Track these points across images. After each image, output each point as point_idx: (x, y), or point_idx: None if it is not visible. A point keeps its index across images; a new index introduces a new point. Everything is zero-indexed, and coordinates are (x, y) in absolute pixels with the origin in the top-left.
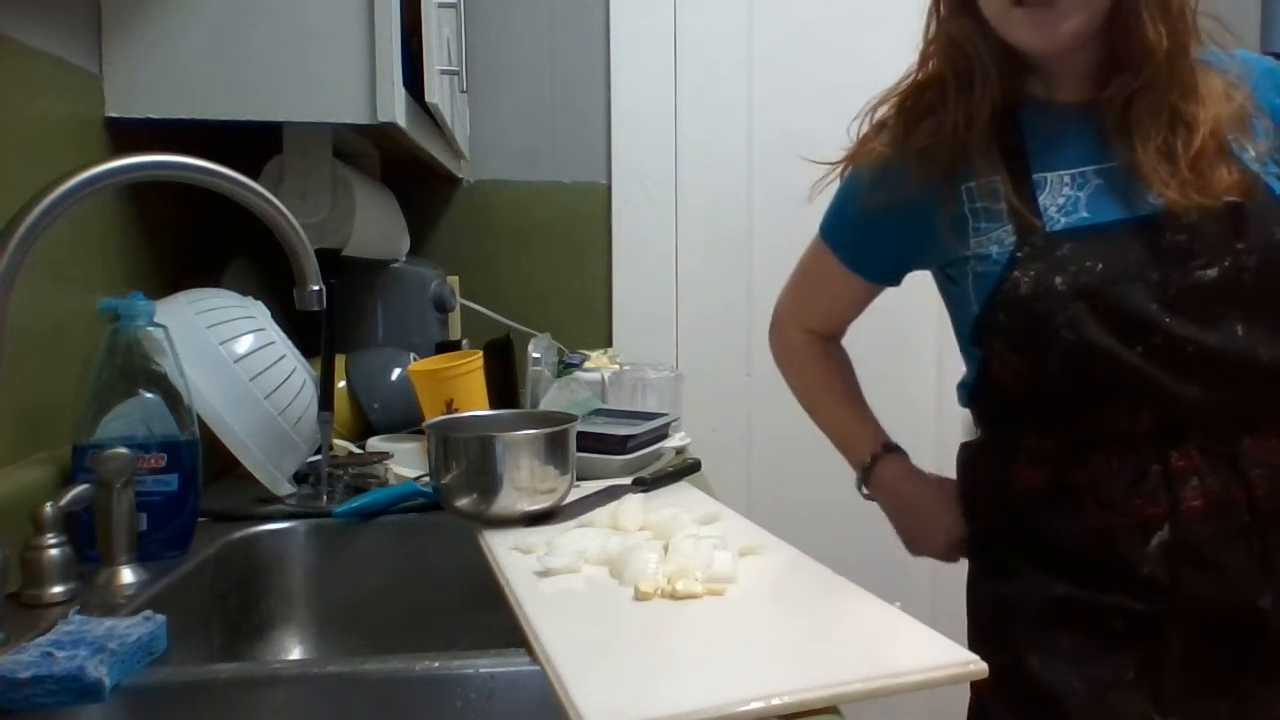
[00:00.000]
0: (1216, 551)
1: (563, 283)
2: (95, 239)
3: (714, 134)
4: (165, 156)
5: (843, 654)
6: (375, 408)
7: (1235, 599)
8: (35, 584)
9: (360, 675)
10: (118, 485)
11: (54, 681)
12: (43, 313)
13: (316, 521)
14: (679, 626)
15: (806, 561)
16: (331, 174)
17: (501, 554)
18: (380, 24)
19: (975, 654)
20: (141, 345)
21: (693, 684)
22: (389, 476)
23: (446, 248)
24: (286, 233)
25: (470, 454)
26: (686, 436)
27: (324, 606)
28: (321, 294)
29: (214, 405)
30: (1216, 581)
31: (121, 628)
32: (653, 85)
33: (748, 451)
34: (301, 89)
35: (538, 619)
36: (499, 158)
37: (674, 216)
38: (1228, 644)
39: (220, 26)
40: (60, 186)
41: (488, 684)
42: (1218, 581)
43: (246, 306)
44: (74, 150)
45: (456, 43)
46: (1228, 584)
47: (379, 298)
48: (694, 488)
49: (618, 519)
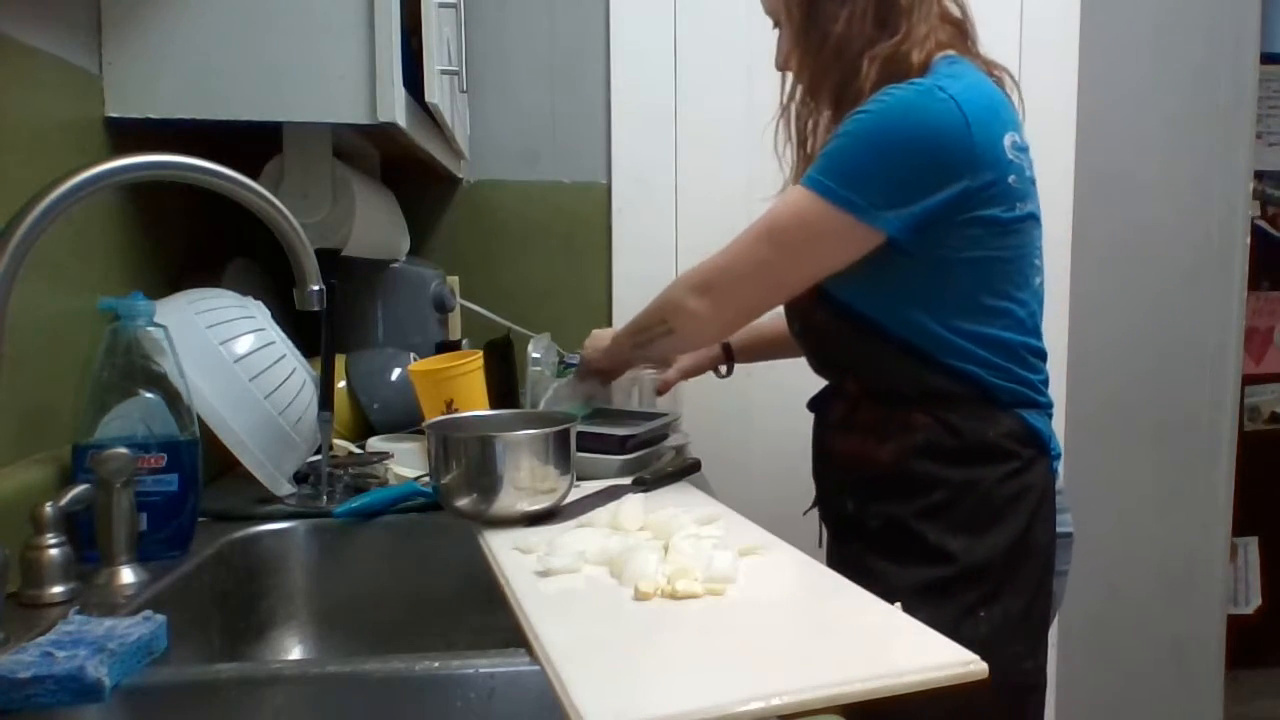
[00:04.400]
0: None
1: (563, 283)
2: (95, 239)
3: (715, 133)
4: (165, 156)
5: (843, 654)
6: (375, 408)
7: None
8: (35, 584)
9: (360, 675)
10: (117, 485)
11: (54, 681)
12: (43, 313)
13: (316, 521)
14: (679, 626)
15: (806, 561)
16: (331, 174)
17: (501, 554)
18: (380, 24)
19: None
20: (141, 345)
21: (693, 684)
22: (389, 476)
23: (446, 248)
24: (286, 233)
25: (470, 454)
26: (688, 436)
27: (324, 606)
28: (321, 294)
29: (214, 405)
30: None
31: (121, 628)
32: (653, 85)
33: (747, 451)
34: (301, 89)
35: (538, 619)
36: (499, 158)
37: (674, 216)
38: None
39: (220, 26)
40: (60, 186)
41: (488, 684)
42: None
43: (246, 306)
44: (74, 150)
45: (456, 43)
46: None
47: (379, 298)
48: (694, 488)
49: (618, 519)
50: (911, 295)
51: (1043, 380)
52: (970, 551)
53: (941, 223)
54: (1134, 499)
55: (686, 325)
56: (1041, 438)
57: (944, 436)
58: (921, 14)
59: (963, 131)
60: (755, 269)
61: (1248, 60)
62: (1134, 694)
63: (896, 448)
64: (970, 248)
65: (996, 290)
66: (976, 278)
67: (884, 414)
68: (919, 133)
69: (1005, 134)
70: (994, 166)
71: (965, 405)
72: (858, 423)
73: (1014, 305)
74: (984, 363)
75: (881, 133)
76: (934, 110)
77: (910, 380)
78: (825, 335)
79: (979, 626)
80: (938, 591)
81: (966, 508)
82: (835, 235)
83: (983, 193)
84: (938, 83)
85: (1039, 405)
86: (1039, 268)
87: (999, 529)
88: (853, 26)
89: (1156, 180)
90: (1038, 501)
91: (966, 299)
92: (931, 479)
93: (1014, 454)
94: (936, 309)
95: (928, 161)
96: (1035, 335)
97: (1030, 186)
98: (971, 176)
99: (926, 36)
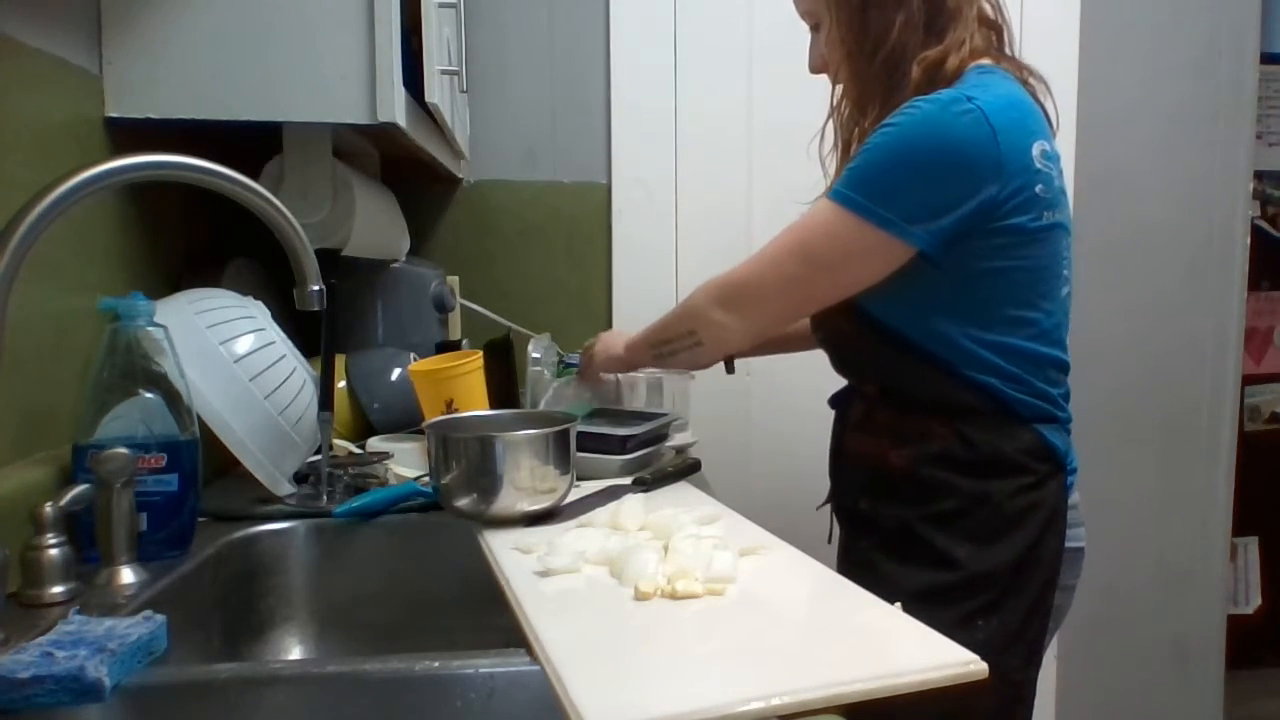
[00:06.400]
0: None
1: (563, 283)
2: (95, 239)
3: (715, 134)
4: (165, 156)
5: (843, 654)
6: (375, 408)
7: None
8: (35, 584)
9: (360, 675)
10: (117, 485)
11: (54, 681)
12: (43, 313)
13: (316, 521)
14: (679, 626)
15: (806, 561)
16: (331, 174)
17: (501, 554)
18: (380, 24)
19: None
20: (141, 345)
21: (693, 684)
22: (389, 476)
23: (446, 248)
24: (286, 233)
25: (470, 454)
26: (693, 436)
27: (324, 606)
28: (321, 294)
29: (214, 405)
30: None
31: (121, 628)
32: (653, 85)
33: (747, 451)
34: (301, 89)
35: (538, 619)
36: (499, 158)
37: (674, 216)
38: None
39: (220, 26)
40: (60, 186)
41: (488, 684)
42: None
43: (246, 306)
44: (74, 150)
45: (456, 43)
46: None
47: (379, 298)
48: (694, 488)
49: (618, 519)
50: (937, 305)
51: (1063, 394)
52: (976, 560)
53: (969, 233)
54: (1134, 499)
55: (714, 338)
56: (1058, 454)
57: (959, 447)
58: (964, 17)
59: (989, 141)
60: (786, 285)
61: (1248, 60)
62: (1134, 694)
63: (911, 453)
64: (996, 257)
65: (1021, 300)
66: (1002, 288)
67: (902, 419)
68: (946, 145)
69: (1034, 143)
70: (1021, 175)
71: (983, 418)
72: (875, 424)
73: (1039, 315)
74: (1004, 375)
75: (909, 147)
76: (961, 122)
77: (930, 391)
78: (847, 341)
79: (975, 635)
80: (939, 597)
81: (977, 518)
82: (868, 252)
83: (1009, 201)
84: (965, 92)
85: (1058, 420)
86: (1067, 278)
87: (1007, 541)
88: (906, 34)
89: (1156, 180)
90: (1049, 517)
91: (991, 309)
92: (943, 486)
93: (1028, 469)
94: (961, 319)
95: (956, 174)
96: (1059, 347)
97: (1060, 196)
98: (999, 186)
99: (963, 43)
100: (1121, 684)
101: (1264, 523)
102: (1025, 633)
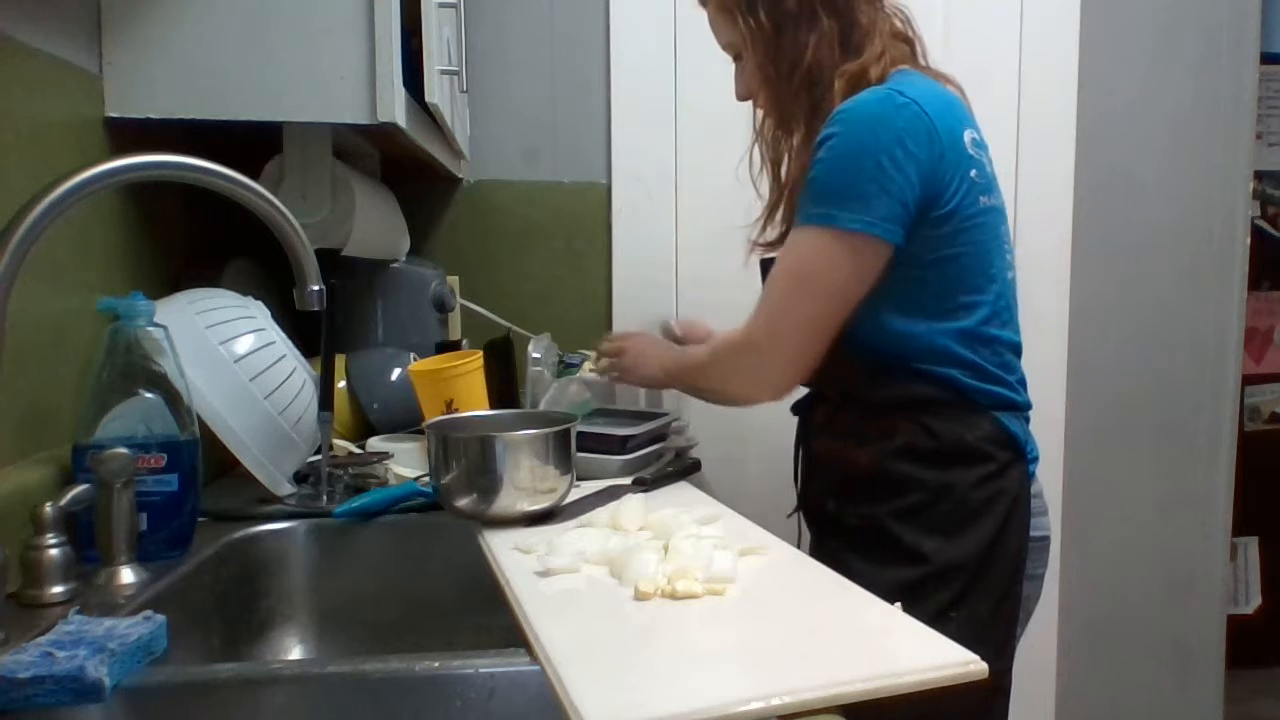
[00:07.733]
0: None
1: (563, 283)
2: (95, 239)
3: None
4: (165, 156)
5: (843, 654)
6: (375, 408)
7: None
8: (35, 584)
9: (360, 675)
10: (117, 485)
11: (54, 681)
12: (43, 313)
13: (316, 521)
14: (679, 626)
15: (806, 561)
16: (331, 174)
17: (501, 554)
18: (380, 24)
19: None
20: (141, 345)
21: (693, 684)
22: (389, 476)
23: (446, 248)
24: (286, 233)
25: (470, 454)
26: (694, 439)
27: (324, 606)
28: (321, 294)
29: (214, 405)
30: None
31: (121, 628)
32: (653, 84)
33: (747, 451)
34: (301, 89)
35: (538, 619)
36: (499, 158)
37: (674, 217)
38: None
39: (220, 26)
40: (60, 186)
41: (488, 684)
42: None
43: (246, 306)
44: (74, 150)
45: (456, 43)
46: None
47: (379, 298)
48: (694, 488)
49: (618, 519)
50: (890, 303)
51: (1019, 380)
52: (942, 553)
53: (918, 223)
54: (1134, 499)
55: (743, 394)
56: (1018, 441)
57: (922, 438)
58: (877, 31)
59: (930, 131)
60: (804, 324)
61: (1248, 60)
62: (1134, 694)
63: (875, 450)
64: (942, 246)
65: (968, 285)
66: (950, 276)
67: (865, 419)
68: (894, 139)
69: (965, 130)
70: (959, 162)
71: (944, 409)
72: (840, 426)
73: (987, 297)
74: (962, 363)
75: (860, 149)
76: (902, 115)
77: (891, 390)
78: None
79: (947, 628)
80: (911, 593)
81: (941, 510)
82: (864, 262)
83: (950, 187)
84: (896, 88)
85: (1017, 407)
86: (1010, 262)
87: (972, 531)
88: (821, 52)
89: (1157, 180)
90: (1011, 505)
91: (941, 299)
92: (908, 480)
93: (990, 457)
94: (914, 313)
95: (908, 165)
96: (1010, 328)
97: (992, 181)
98: (943, 172)
99: (881, 54)
100: (1121, 684)
101: (1264, 523)
102: (995, 622)
